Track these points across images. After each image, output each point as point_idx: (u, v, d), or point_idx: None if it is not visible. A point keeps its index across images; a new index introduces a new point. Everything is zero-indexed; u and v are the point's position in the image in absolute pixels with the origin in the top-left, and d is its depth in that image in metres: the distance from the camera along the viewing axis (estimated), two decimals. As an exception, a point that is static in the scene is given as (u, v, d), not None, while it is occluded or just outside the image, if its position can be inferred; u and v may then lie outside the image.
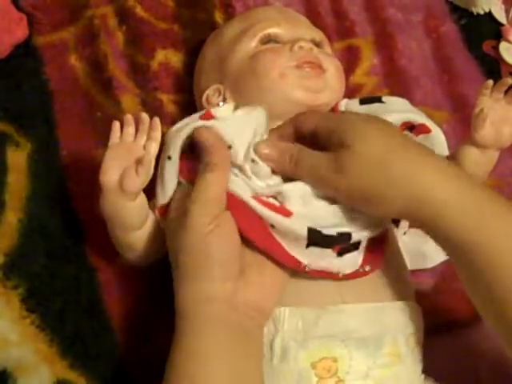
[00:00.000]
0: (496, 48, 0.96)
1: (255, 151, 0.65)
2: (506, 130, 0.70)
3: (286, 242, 0.64)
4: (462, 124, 0.90)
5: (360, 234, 0.65)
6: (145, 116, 0.68)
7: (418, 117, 0.71)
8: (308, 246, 0.63)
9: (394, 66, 0.94)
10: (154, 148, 0.68)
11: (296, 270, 0.65)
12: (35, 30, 0.89)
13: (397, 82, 0.93)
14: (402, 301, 0.68)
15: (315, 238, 0.63)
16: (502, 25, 0.97)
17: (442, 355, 0.69)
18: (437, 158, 0.63)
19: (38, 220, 0.80)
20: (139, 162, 0.66)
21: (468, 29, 0.97)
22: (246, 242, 0.64)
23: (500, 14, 0.97)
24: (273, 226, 0.63)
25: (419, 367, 0.67)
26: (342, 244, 0.64)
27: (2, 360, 0.74)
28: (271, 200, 0.65)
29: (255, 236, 0.64)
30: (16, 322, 0.76)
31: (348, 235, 0.64)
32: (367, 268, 0.66)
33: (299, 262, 0.64)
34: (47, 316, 0.76)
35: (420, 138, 0.71)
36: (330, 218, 0.64)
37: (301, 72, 0.73)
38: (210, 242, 0.61)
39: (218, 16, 0.94)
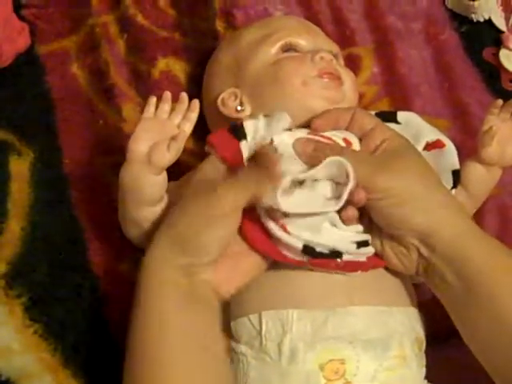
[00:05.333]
0: (496, 55, 0.96)
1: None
2: (510, 150, 0.74)
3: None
4: (462, 132, 0.90)
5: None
6: (184, 96, 0.71)
7: (433, 134, 0.72)
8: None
9: (394, 75, 0.94)
10: (188, 128, 0.70)
11: (297, 266, 0.66)
12: (37, 38, 0.90)
13: (397, 91, 0.93)
14: (407, 306, 0.69)
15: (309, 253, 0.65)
16: (501, 32, 0.97)
17: (440, 365, 0.69)
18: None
19: (41, 228, 0.81)
20: (173, 138, 0.68)
21: (468, 36, 0.97)
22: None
23: (500, 22, 0.98)
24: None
25: (423, 372, 0.68)
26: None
27: (5, 369, 0.74)
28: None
29: (257, 241, 0.66)
30: (19, 332, 0.76)
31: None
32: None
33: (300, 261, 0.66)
34: (50, 325, 0.76)
35: (434, 152, 0.72)
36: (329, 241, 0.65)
37: (321, 82, 0.74)
38: (212, 235, 0.62)
39: (219, 25, 0.94)
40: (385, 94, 0.93)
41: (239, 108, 0.75)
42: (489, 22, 0.98)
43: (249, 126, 0.69)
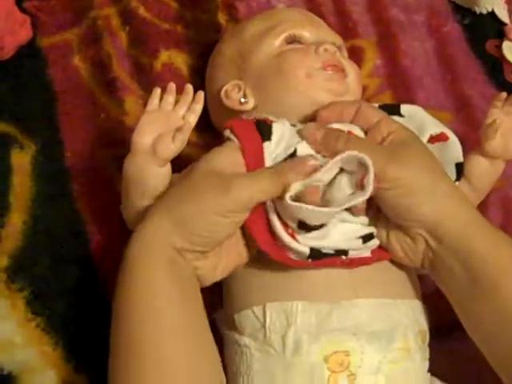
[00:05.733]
0: (499, 47, 0.96)
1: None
2: None
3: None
4: (465, 124, 0.90)
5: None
6: (189, 87, 0.71)
7: (437, 127, 0.72)
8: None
9: (397, 67, 0.94)
10: (193, 119, 0.70)
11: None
12: (39, 31, 0.90)
13: (400, 83, 0.93)
14: (412, 299, 0.69)
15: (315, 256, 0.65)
16: (504, 24, 0.97)
17: (443, 358, 0.69)
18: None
19: (43, 222, 0.81)
20: (178, 129, 0.68)
21: (471, 28, 0.97)
22: None
23: (503, 14, 0.98)
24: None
25: (426, 365, 0.68)
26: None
27: (7, 363, 0.74)
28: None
29: (261, 241, 0.65)
30: (21, 325, 0.76)
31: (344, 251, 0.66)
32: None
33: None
34: (52, 319, 0.77)
35: (437, 145, 0.71)
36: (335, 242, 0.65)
37: (325, 74, 0.74)
38: (216, 228, 0.62)
39: (221, 17, 0.94)
40: (387, 86, 0.93)
41: (243, 100, 0.75)
42: (492, 14, 0.98)
43: (276, 129, 0.67)
